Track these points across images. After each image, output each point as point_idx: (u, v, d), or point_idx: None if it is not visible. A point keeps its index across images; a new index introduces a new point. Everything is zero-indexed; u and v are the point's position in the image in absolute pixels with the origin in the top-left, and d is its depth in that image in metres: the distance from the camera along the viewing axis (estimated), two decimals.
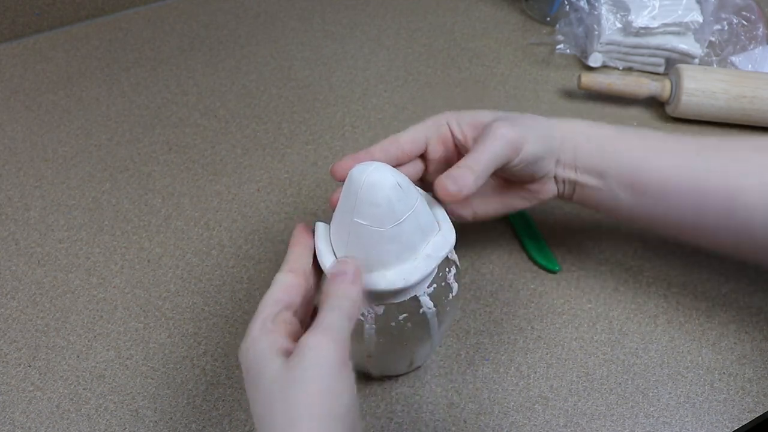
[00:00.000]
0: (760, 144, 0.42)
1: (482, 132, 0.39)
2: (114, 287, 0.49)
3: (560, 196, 0.44)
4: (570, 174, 0.42)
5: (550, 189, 0.43)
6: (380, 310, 0.35)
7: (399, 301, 0.34)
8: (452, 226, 0.36)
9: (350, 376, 0.29)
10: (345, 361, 0.29)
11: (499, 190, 0.44)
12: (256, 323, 0.31)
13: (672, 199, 0.41)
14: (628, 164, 0.41)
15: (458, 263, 0.39)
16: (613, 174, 0.41)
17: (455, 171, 0.36)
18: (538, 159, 0.40)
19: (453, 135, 0.42)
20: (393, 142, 0.40)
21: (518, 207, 0.44)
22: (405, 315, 0.35)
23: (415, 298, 0.35)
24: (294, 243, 0.35)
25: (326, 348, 0.28)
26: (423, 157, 0.43)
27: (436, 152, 0.42)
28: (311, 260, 0.35)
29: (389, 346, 0.37)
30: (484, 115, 0.41)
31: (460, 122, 0.41)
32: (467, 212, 0.43)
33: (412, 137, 0.41)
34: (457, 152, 0.42)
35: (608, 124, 0.43)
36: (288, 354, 0.29)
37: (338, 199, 0.34)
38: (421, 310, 0.35)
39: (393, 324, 0.35)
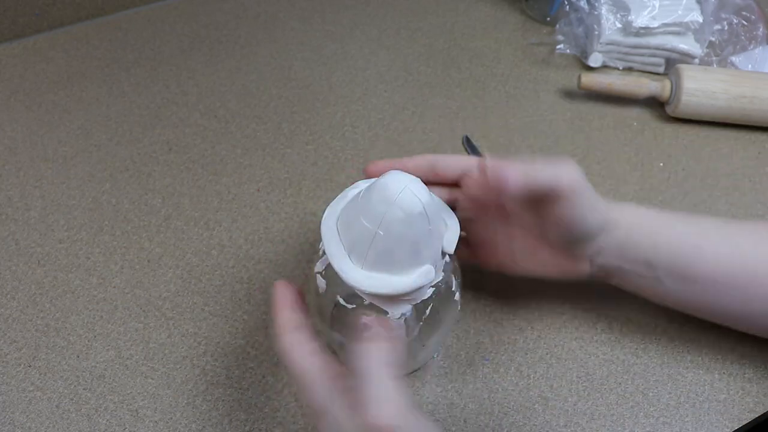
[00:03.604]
0: None
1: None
2: (114, 287, 0.49)
3: (591, 277, 0.42)
4: (613, 261, 0.40)
5: (582, 270, 0.41)
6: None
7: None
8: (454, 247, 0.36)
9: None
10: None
11: (530, 249, 0.42)
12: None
13: (721, 287, 0.40)
14: (681, 256, 0.40)
15: (455, 284, 0.38)
16: (664, 265, 0.40)
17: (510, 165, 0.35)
18: (586, 237, 0.39)
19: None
20: (433, 162, 0.39)
21: (541, 273, 0.43)
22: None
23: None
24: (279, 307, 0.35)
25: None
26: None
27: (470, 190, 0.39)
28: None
29: None
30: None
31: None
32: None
33: (454, 164, 0.39)
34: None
35: (656, 208, 0.41)
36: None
37: (374, 170, 0.37)
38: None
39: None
